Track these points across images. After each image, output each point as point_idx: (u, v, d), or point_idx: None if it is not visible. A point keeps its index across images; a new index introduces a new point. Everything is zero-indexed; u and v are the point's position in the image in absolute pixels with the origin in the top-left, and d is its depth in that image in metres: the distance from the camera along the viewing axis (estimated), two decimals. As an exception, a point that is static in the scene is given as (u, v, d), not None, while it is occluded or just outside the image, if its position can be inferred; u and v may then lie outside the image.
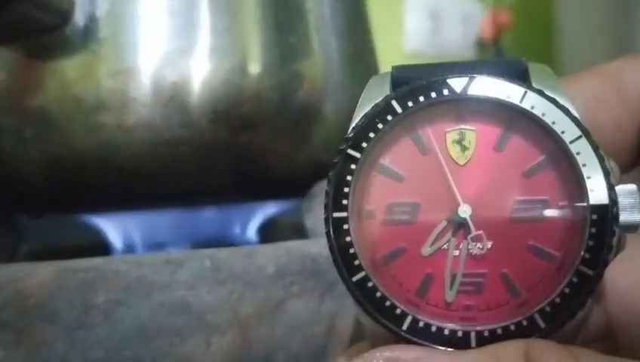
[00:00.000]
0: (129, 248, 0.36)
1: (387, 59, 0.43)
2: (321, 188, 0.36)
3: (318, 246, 0.28)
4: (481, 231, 0.18)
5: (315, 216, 0.34)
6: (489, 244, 0.18)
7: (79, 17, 0.31)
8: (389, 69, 0.42)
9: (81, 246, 0.40)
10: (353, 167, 0.18)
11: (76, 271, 0.25)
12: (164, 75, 0.32)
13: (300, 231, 0.44)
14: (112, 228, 0.36)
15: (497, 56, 0.92)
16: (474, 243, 0.18)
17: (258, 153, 0.34)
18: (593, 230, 0.17)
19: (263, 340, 0.26)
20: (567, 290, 0.17)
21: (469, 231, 0.18)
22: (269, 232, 0.41)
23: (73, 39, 0.31)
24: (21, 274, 0.26)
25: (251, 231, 0.37)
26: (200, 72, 0.32)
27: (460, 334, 0.18)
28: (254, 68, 0.34)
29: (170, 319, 0.25)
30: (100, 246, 0.37)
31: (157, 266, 0.26)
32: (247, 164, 0.34)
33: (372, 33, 0.41)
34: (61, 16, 0.31)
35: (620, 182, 0.18)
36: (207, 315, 0.26)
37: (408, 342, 0.18)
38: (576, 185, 0.18)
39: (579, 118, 0.18)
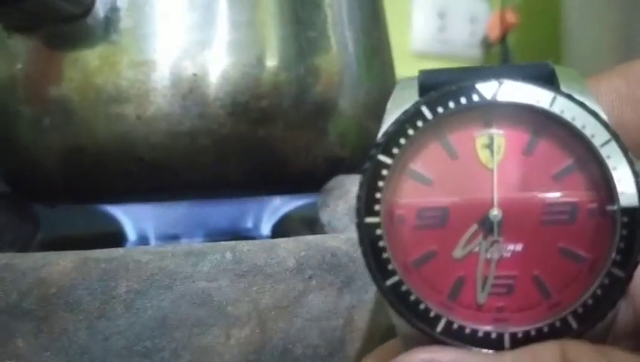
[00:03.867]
0: (143, 239, 0.36)
1: (394, 57, 0.43)
2: (337, 182, 0.36)
3: (337, 241, 0.28)
4: (511, 234, 0.18)
5: (331, 211, 0.35)
6: (520, 247, 0.18)
7: (100, 7, 0.31)
8: (398, 68, 0.42)
9: (95, 235, 0.40)
10: (385, 172, 0.18)
11: (98, 260, 0.25)
12: (184, 66, 0.32)
13: (310, 226, 0.44)
14: (127, 218, 0.36)
15: (504, 55, 0.92)
16: (505, 246, 0.18)
17: (275, 146, 0.34)
18: (624, 232, 0.18)
19: (282, 332, 0.26)
20: (598, 292, 0.18)
21: (499, 234, 0.18)
22: (280, 226, 0.41)
23: (94, 29, 0.32)
24: (43, 262, 0.26)
25: (266, 225, 0.38)
26: (219, 64, 0.33)
27: (493, 335, 0.18)
28: (272, 61, 0.34)
29: (191, 310, 0.25)
30: (114, 236, 0.37)
31: (179, 257, 0.26)
32: (264, 157, 0.34)
33: (387, 29, 0.41)
34: (82, 6, 0.31)
35: None
36: (228, 307, 0.26)
37: (443, 343, 0.18)
38: (606, 188, 0.18)
39: (607, 121, 0.18)
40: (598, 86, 0.22)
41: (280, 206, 0.38)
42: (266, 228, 0.38)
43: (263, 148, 0.34)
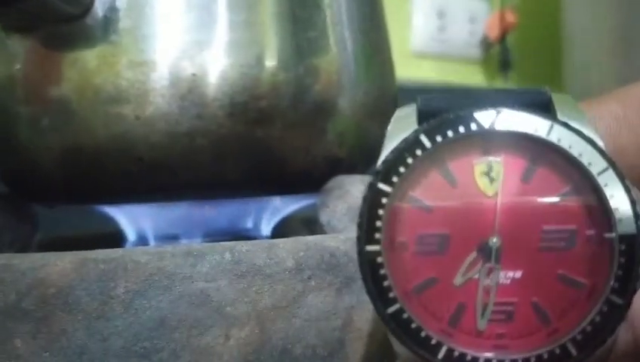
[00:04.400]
0: (142, 239, 0.36)
1: (394, 56, 0.43)
2: (337, 183, 0.36)
3: (336, 241, 0.28)
4: (511, 261, 0.19)
5: (330, 211, 0.35)
6: (519, 273, 0.19)
7: (99, 8, 0.31)
8: (398, 67, 0.42)
9: (93, 236, 0.40)
10: (384, 201, 0.19)
11: (97, 261, 0.25)
12: (182, 67, 0.32)
13: (309, 226, 0.44)
14: (126, 218, 0.36)
15: (503, 55, 0.92)
16: (504, 273, 0.19)
17: (274, 146, 0.34)
18: (622, 260, 0.18)
19: (281, 333, 0.26)
20: (597, 319, 0.18)
21: (499, 261, 0.19)
22: (280, 226, 0.41)
23: (93, 30, 0.32)
24: (41, 263, 0.25)
25: (266, 226, 0.38)
26: (218, 64, 0.33)
27: None
28: (271, 62, 0.34)
29: (190, 311, 0.25)
30: (114, 237, 0.37)
31: (178, 258, 0.26)
32: (263, 157, 0.34)
33: (387, 29, 0.41)
34: (81, 7, 0.31)
35: None
36: (227, 308, 0.26)
37: None
38: (603, 215, 0.18)
39: (604, 148, 0.18)
40: (595, 110, 0.22)
41: (280, 207, 0.38)
42: (265, 229, 0.38)
43: (261, 148, 0.34)
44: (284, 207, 0.39)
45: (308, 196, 0.38)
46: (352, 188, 0.35)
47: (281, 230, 0.41)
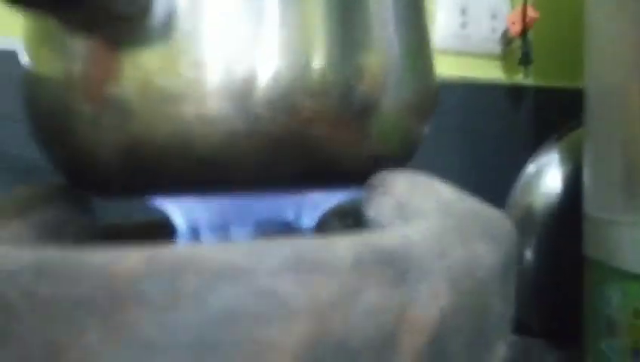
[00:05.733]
0: (193, 231, 0.36)
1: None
2: (381, 179, 0.36)
3: (391, 237, 0.29)
4: None
5: (376, 207, 0.35)
6: None
7: (160, 8, 0.32)
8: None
9: (146, 227, 0.40)
10: None
11: (166, 255, 0.26)
12: (239, 68, 0.33)
13: (341, 220, 0.45)
14: (178, 210, 0.36)
15: (524, 50, 0.92)
16: None
17: (323, 145, 0.35)
18: None
19: (339, 327, 0.27)
20: None
21: None
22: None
23: (153, 29, 0.32)
24: (111, 256, 0.26)
25: (312, 218, 0.38)
26: (272, 66, 0.33)
27: None
28: (319, 63, 0.34)
29: (254, 305, 0.26)
30: (166, 226, 0.37)
31: (243, 252, 0.27)
32: (313, 156, 0.35)
33: (429, 26, 0.42)
34: (141, 7, 0.32)
35: None
36: (289, 302, 0.26)
37: None
38: None
39: None
40: None
41: (324, 200, 0.39)
42: (309, 222, 0.39)
43: (311, 147, 0.35)
44: (325, 201, 0.40)
45: (351, 192, 0.38)
46: (396, 185, 0.36)
47: (318, 223, 0.42)
